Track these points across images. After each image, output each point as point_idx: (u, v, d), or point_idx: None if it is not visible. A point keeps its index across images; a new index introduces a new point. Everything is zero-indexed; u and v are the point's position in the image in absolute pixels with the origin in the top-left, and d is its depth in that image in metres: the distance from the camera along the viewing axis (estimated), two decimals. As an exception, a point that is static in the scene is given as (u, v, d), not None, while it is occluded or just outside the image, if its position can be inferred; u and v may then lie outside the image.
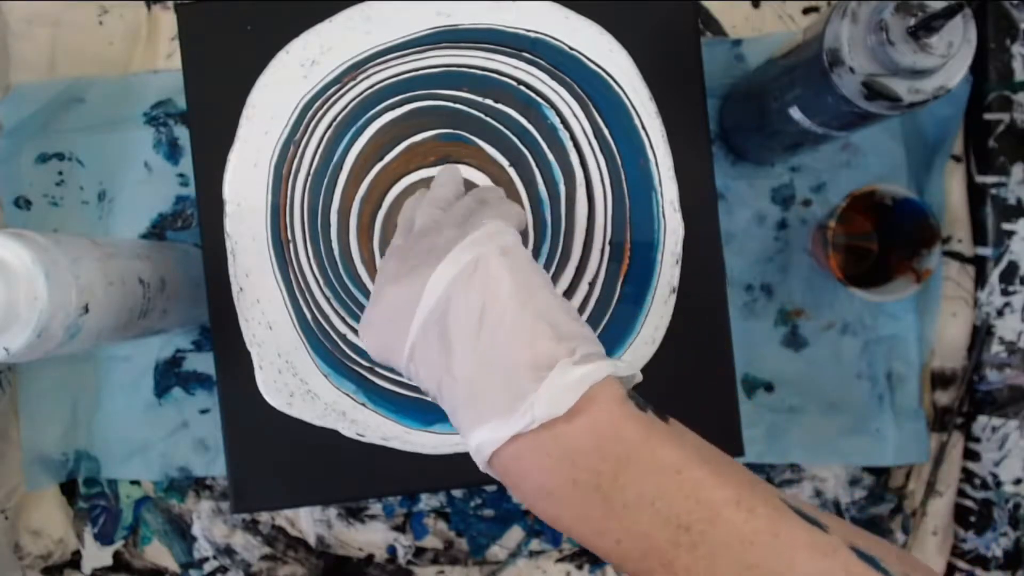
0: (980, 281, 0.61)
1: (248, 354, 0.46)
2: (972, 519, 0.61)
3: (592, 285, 0.46)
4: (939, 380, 0.62)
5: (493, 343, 0.30)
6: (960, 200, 0.61)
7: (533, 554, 0.62)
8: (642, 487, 0.28)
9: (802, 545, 0.26)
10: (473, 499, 0.62)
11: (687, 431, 0.30)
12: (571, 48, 0.46)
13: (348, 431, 0.46)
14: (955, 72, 0.40)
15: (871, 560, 0.26)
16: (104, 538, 0.62)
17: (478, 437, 0.30)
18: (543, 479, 0.29)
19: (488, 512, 0.62)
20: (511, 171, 0.46)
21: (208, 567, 0.62)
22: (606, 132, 0.46)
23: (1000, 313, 0.60)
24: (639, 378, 0.32)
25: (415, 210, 0.39)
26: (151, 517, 0.62)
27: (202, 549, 0.62)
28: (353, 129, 0.46)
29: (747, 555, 0.26)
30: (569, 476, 0.28)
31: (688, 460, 0.28)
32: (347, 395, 0.46)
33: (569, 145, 0.46)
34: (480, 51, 0.46)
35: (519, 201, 0.46)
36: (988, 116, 0.60)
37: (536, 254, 0.46)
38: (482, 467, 0.31)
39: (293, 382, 0.46)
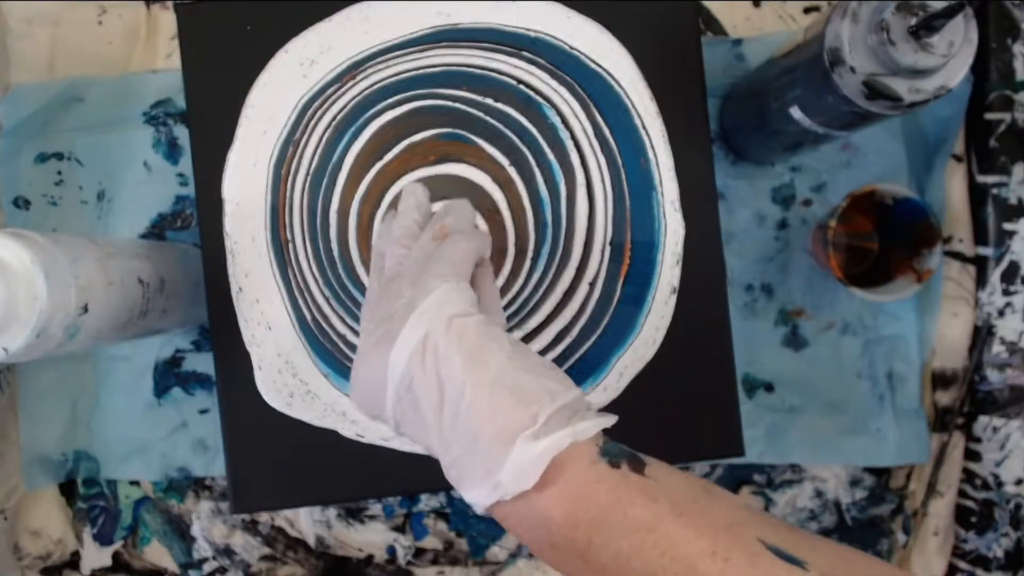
0: (981, 281, 0.61)
1: (248, 354, 0.45)
2: (973, 519, 0.61)
3: (592, 285, 0.46)
4: (940, 380, 0.62)
5: (457, 419, 0.31)
6: (961, 200, 0.61)
7: (533, 554, 0.62)
8: (617, 547, 0.28)
9: None
10: (473, 499, 0.62)
11: (666, 474, 0.30)
12: (571, 47, 0.46)
13: (348, 431, 0.46)
14: (956, 72, 0.40)
15: None
16: (103, 538, 0.62)
17: (467, 498, 0.31)
18: (528, 538, 0.31)
19: (488, 512, 0.62)
20: (511, 170, 0.46)
21: (207, 567, 0.62)
22: (606, 132, 0.46)
23: (1001, 313, 0.60)
24: (612, 420, 0.32)
25: (384, 242, 0.40)
26: (150, 517, 0.62)
27: (201, 549, 0.62)
28: (352, 129, 0.46)
29: None
30: (547, 540, 0.30)
31: (660, 517, 0.28)
32: (347, 395, 0.46)
33: (569, 145, 0.46)
34: (480, 50, 0.46)
35: (520, 200, 0.46)
36: (989, 116, 0.60)
37: (536, 254, 0.46)
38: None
39: (293, 382, 0.46)
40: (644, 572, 0.28)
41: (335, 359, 0.46)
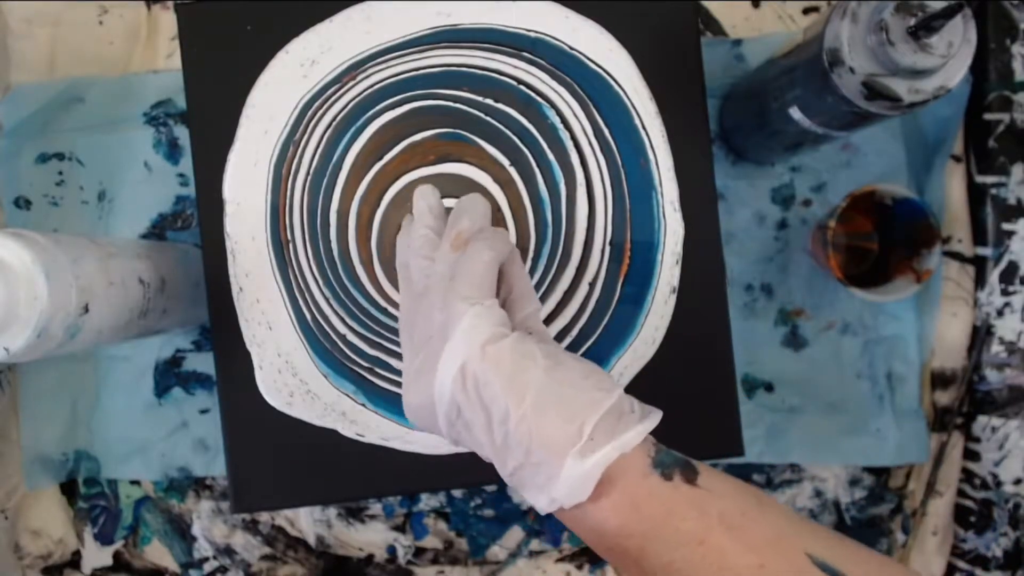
0: (980, 281, 0.61)
1: (248, 354, 0.45)
2: (972, 519, 0.61)
3: (592, 285, 0.46)
4: (939, 380, 0.62)
5: (508, 437, 0.32)
6: (960, 200, 0.61)
7: (533, 554, 0.62)
8: (669, 558, 0.29)
9: None
10: (473, 499, 0.62)
11: (719, 483, 0.31)
12: (571, 48, 0.46)
13: (348, 431, 0.46)
14: (955, 72, 0.40)
15: None
16: (104, 538, 0.62)
17: (529, 501, 0.33)
18: (587, 540, 0.32)
19: (488, 512, 0.62)
20: (512, 170, 0.46)
21: (208, 567, 0.62)
22: (606, 132, 0.46)
23: (1000, 313, 0.60)
24: (656, 419, 0.32)
25: (408, 254, 0.40)
26: (151, 517, 0.62)
27: (202, 549, 0.62)
28: (353, 129, 0.46)
29: None
30: (602, 545, 0.31)
31: (710, 529, 0.29)
32: (347, 395, 0.46)
33: (569, 145, 0.46)
34: (480, 51, 0.46)
35: (520, 200, 0.46)
36: (988, 116, 0.60)
37: (537, 254, 0.46)
38: None
39: (293, 382, 0.46)
40: None
41: (335, 359, 0.46)
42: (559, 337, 0.46)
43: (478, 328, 0.33)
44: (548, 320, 0.46)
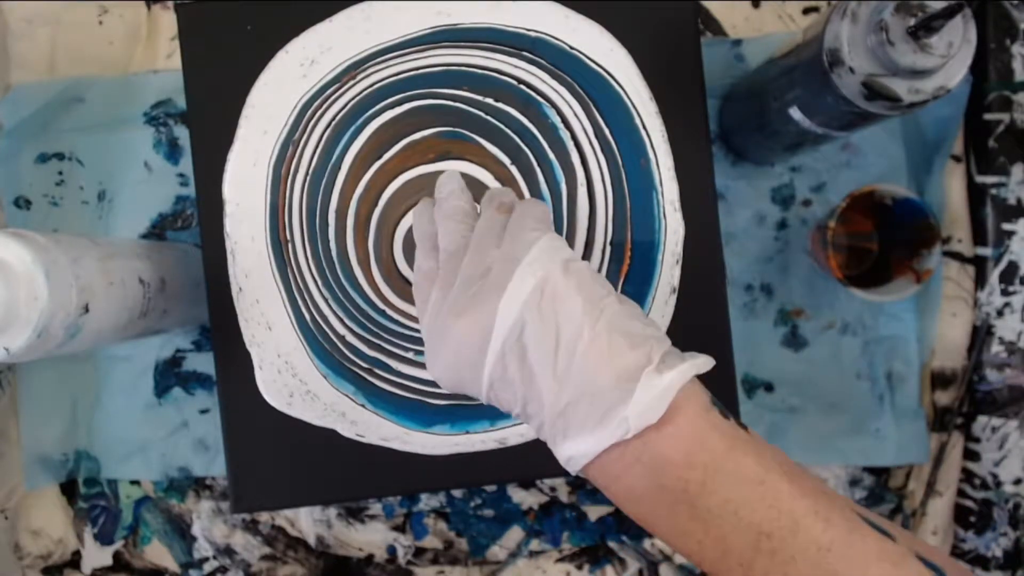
0: (980, 281, 0.61)
1: (248, 354, 0.46)
2: (972, 519, 0.61)
3: (592, 285, 0.46)
4: (939, 380, 0.62)
5: (573, 363, 0.30)
6: (960, 200, 0.61)
7: (533, 554, 0.62)
8: (727, 495, 0.29)
9: (874, 554, 0.28)
10: (473, 499, 0.62)
11: (764, 441, 0.31)
12: (571, 48, 0.46)
13: (348, 431, 0.46)
14: (955, 72, 0.40)
15: (936, 569, 0.28)
16: (104, 538, 0.62)
17: (569, 450, 0.31)
18: (633, 483, 0.30)
19: (488, 512, 0.62)
20: (512, 169, 0.46)
21: (208, 567, 0.62)
22: (607, 132, 0.46)
23: (1000, 313, 0.60)
24: (712, 364, 0.32)
25: (429, 223, 0.38)
26: (151, 517, 0.62)
27: (202, 549, 0.62)
28: (352, 128, 0.46)
29: (824, 562, 0.28)
30: (657, 481, 0.30)
31: (769, 471, 0.29)
32: (346, 396, 0.46)
33: (570, 144, 0.46)
34: (480, 50, 0.46)
35: (521, 198, 0.46)
36: (988, 116, 0.60)
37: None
38: (572, 472, 0.32)
39: (293, 382, 0.46)
40: (748, 521, 0.29)
41: (334, 359, 0.46)
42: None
43: (558, 248, 0.32)
44: (548, 320, 0.46)
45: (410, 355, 0.46)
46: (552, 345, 0.31)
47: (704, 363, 0.31)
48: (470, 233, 0.35)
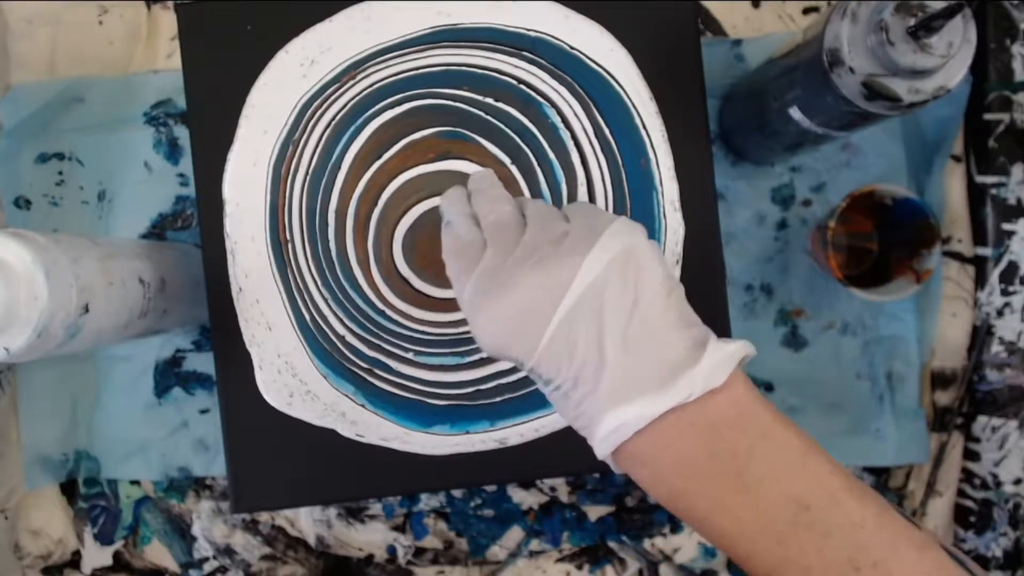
0: (980, 281, 0.61)
1: (248, 354, 0.46)
2: (972, 519, 0.61)
3: (592, 285, 0.46)
4: (939, 380, 0.62)
5: (646, 327, 0.32)
6: (960, 200, 0.61)
7: (533, 554, 0.62)
8: (774, 462, 0.30)
9: (903, 535, 0.29)
10: (473, 499, 0.62)
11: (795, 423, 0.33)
12: (571, 47, 0.46)
13: (347, 431, 0.46)
14: (955, 72, 0.40)
15: (958, 559, 0.29)
16: (104, 538, 0.62)
17: (623, 416, 0.31)
18: (684, 449, 0.31)
19: (488, 512, 0.62)
20: (513, 168, 0.46)
21: (208, 567, 0.62)
22: (607, 131, 0.46)
23: (1000, 313, 0.60)
24: (754, 353, 0.34)
25: (466, 204, 0.37)
26: (151, 517, 0.62)
27: (202, 549, 0.62)
28: (352, 128, 0.46)
29: (857, 537, 0.29)
30: (709, 447, 0.31)
31: (811, 446, 0.31)
32: (346, 396, 0.46)
33: (570, 144, 0.46)
34: (480, 50, 0.46)
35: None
36: (988, 116, 0.60)
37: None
38: (604, 451, 0.32)
39: (292, 382, 0.46)
40: (790, 492, 0.30)
41: (334, 360, 0.46)
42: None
43: (637, 226, 0.34)
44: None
45: (410, 355, 0.46)
46: (628, 308, 0.32)
47: (752, 347, 0.33)
48: (517, 213, 0.36)
